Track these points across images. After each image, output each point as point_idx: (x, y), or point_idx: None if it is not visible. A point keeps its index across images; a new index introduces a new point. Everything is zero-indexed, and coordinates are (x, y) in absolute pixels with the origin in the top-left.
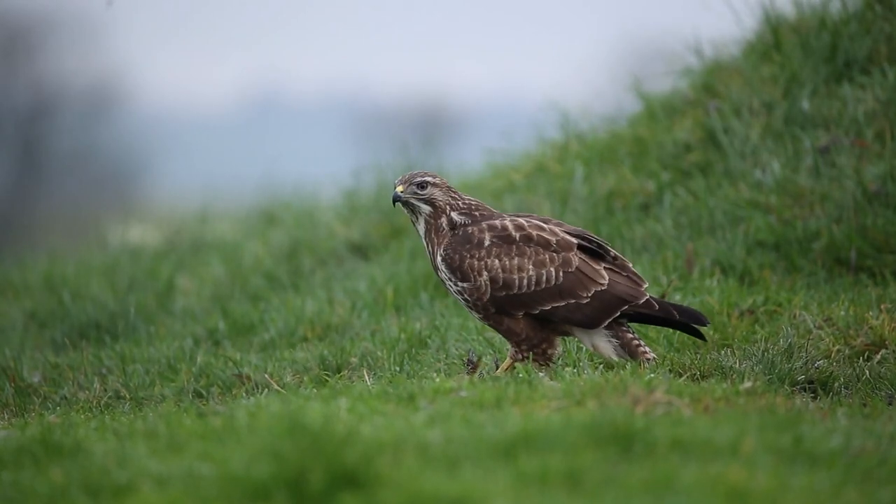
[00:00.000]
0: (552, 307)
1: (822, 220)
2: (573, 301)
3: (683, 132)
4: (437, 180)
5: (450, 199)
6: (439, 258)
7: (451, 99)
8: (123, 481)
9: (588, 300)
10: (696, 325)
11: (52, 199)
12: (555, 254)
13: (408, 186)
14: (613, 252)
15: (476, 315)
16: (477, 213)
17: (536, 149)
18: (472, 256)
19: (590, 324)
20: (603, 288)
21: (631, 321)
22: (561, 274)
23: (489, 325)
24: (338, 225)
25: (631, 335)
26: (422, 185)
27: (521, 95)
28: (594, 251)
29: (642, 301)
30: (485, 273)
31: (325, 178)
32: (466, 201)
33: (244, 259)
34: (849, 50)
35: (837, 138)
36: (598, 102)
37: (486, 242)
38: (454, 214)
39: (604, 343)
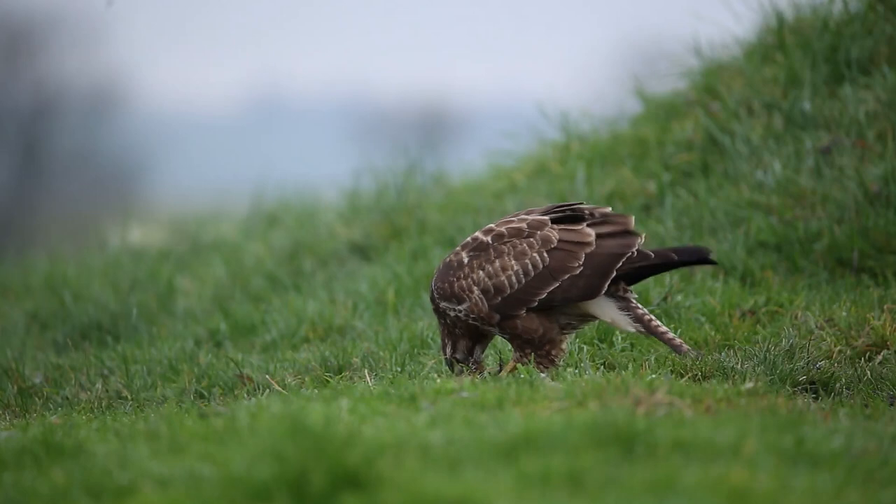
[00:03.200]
0: (548, 293)
1: (823, 221)
2: (567, 277)
3: (684, 133)
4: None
5: (453, 324)
6: (434, 293)
7: (451, 100)
8: (125, 482)
9: (581, 268)
10: (699, 262)
11: (53, 200)
12: (531, 238)
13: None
14: (588, 209)
15: (494, 331)
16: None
17: (538, 149)
18: (458, 278)
19: (591, 292)
20: (592, 248)
21: (633, 281)
22: (545, 255)
23: (507, 338)
24: (339, 226)
25: (642, 311)
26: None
27: (521, 96)
28: (572, 217)
29: (636, 251)
30: (475, 288)
31: (325, 179)
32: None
33: (245, 260)
34: (850, 51)
35: (839, 139)
36: (600, 103)
37: (465, 260)
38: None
39: (618, 316)
